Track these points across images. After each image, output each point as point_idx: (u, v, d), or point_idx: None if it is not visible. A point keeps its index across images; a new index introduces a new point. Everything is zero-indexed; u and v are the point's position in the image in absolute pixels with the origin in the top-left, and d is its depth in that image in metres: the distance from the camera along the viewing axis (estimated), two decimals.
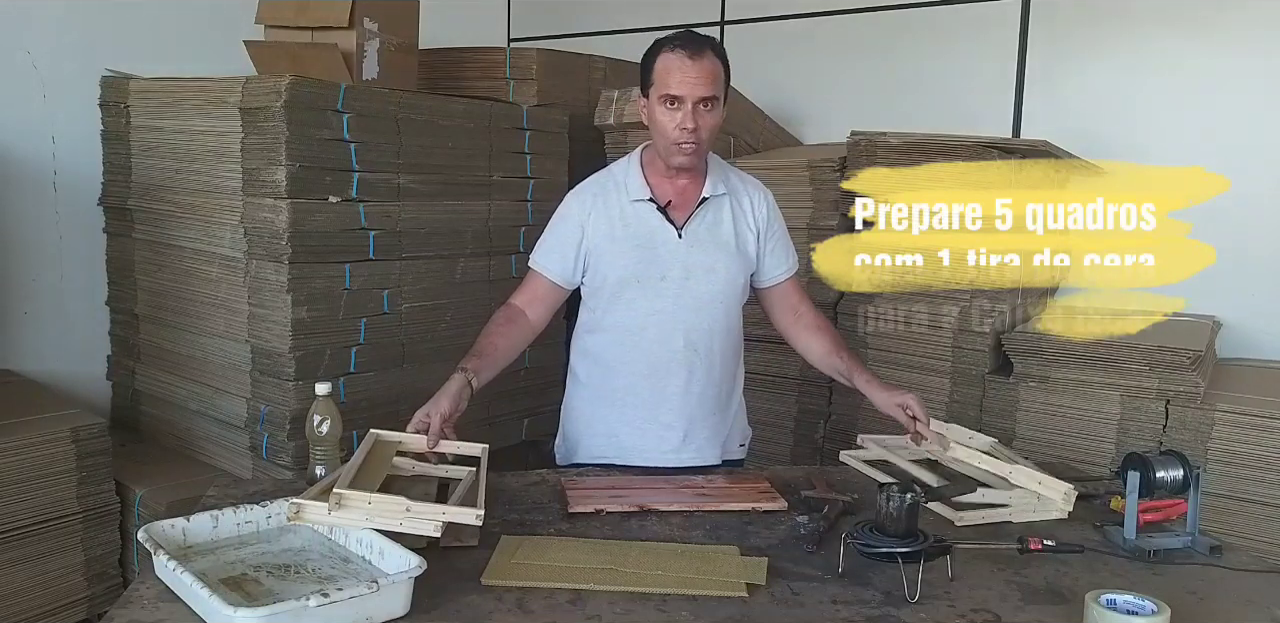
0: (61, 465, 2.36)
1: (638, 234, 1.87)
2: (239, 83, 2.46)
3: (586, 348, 1.99)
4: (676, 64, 1.75)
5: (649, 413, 1.92)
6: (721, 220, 1.92)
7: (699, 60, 1.75)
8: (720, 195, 1.91)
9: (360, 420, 2.61)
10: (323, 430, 1.69)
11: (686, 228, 1.89)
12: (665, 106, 1.78)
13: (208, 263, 2.63)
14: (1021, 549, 1.44)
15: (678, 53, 1.76)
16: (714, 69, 1.77)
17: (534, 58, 3.34)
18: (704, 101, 1.76)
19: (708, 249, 1.89)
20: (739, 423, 2.06)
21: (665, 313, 1.89)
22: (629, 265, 1.87)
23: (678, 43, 1.77)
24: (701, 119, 1.77)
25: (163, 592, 1.29)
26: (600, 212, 1.89)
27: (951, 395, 2.72)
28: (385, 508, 1.37)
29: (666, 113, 1.78)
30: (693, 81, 1.75)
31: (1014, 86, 3.21)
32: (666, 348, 1.90)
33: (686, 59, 1.75)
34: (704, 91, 1.76)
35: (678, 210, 1.89)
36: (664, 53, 1.78)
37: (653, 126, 1.83)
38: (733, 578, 1.36)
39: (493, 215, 2.98)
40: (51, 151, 2.90)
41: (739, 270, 1.93)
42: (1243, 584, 1.42)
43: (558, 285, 1.91)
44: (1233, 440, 2.36)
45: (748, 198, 1.95)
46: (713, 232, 1.91)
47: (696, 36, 1.80)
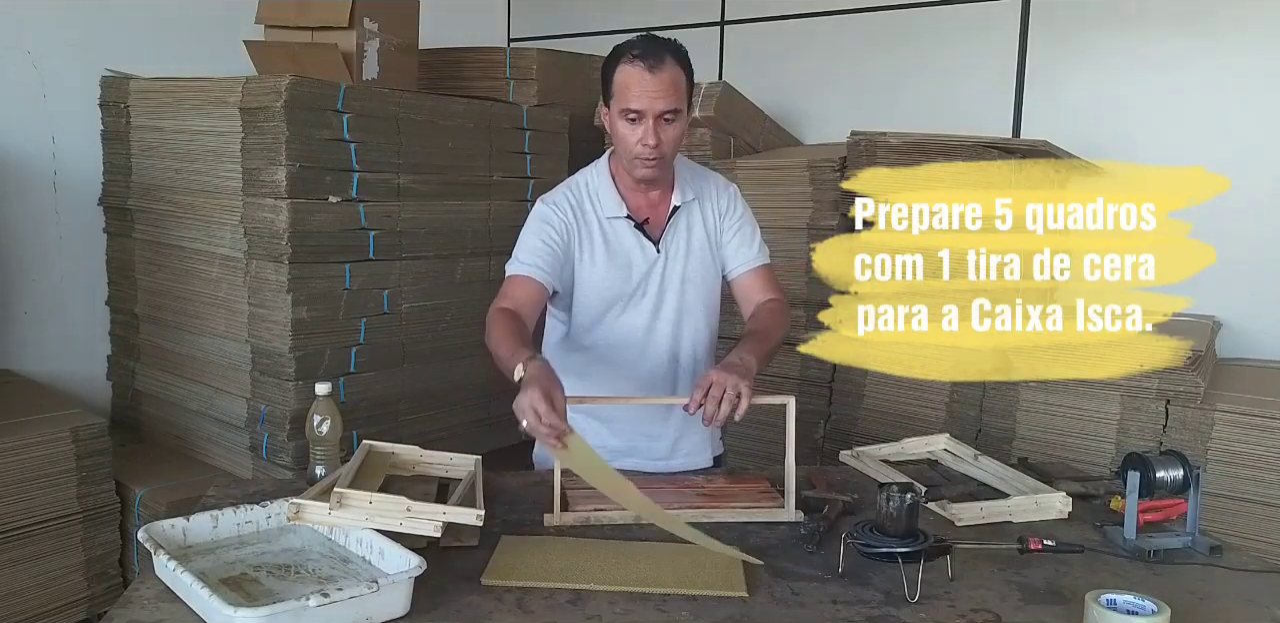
0: (61, 465, 2.37)
1: (618, 254, 1.84)
2: (239, 83, 2.46)
3: (569, 366, 1.91)
4: (636, 77, 1.68)
5: (635, 427, 1.91)
6: (693, 226, 1.89)
7: (659, 72, 1.68)
8: (690, 201, 1.88)
9: (360, 420, 2.62)
10: (323, 431, 1.70)
11: (663, 242, 1.86)
12: (625, 121, 1.72)
13: (208, 263, 2.64)
14: (1021, 549, 1.43)
15: (637, 65, 1.68)
16: (674, 80, 1.70)
17: (534, 58, 3.35)
18: (666, 114, 1.70)
19: (685, 260, 1.88)
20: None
21: (647, 329, 1.87)
22: (612, 286, 1.85)
23: (636, 53, 1.69)
24: (664, 132, 1.71)
25: (163, 592, 1.28)
26: (582, 228, 1.83)
27: (951, 396, 2.71)
28: (385, 508, 1.37)
29: (627, 127, 1.72)
30: (653, 95, 1.68)
31: (1014, 86, 3.21)
32: (652, 363, 1.89)
33: (646, 72, 1.67)
34: (665, 105, 1.69)
35: (653, 225, 1.86)
36: (623, 64, 1.70)
37: (615, 139, 1.78)
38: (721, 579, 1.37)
39: (493, 215, 2.98)
40: (51, 152, 2.90)
41: (715, 276, 1.92)
42: (1243, 584, 1.42)
43: (544, 288, 1.80)
44: (1233, 440, 2.36)
45: (711, 199, 1.91)
46: (687, 241, 1.88)
47: (655, 44, 1.72)
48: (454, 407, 2.96)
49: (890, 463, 1.93)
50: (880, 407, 2.84)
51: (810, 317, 2.91)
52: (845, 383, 2.89)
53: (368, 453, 1.65)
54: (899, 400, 2.80)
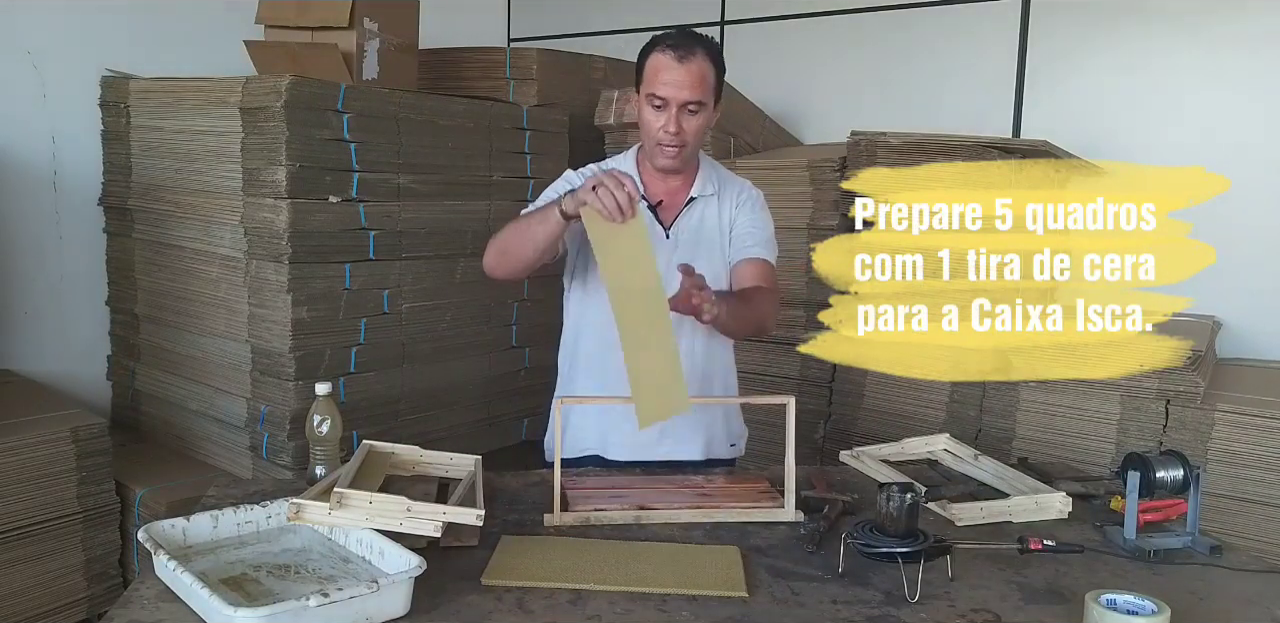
0: (61, 465, 2.37)
1: None
2: (239, 83, 2.46)
3: (572, 350, 1.99)
4: (665, 65, 1.72)
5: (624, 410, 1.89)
6: (707, 218, 1.91)
7: (688, 63, 1.72)
8: (709, 195, 1.91)
9: (360, 420, 2.62)
10: (323, 431, 1.70)
11: (674, 228, 1.89)
12: (651, 107, 1.76)
13: (208, 263, 2.64)
14: (1021, 549, 1.44)
15: (668, 54, 1.72)
16: (702, 72, 1.73)
17: (534, 58, 3.35)
18: (690, 105, 1.74)
19: (693, 249, 1.89)
20: (729, 422, 2.05)
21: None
22: None
23: (669, 43, 1.74)
24: (686, 122, 1.75)
25: (163, 592, 1.28)
26: None
27: (951, 396, 2.71)
28: (386, 508, 1.37)
29: (652, 113, 1.76)
30: (679, 84, 1.72)
31: (1014, 86, 3.21)
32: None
33: (675, 61, 1.71)
34: (689, 95, 1.73)
35: (667, 210, 1.89)
36: (655, 52, 1.75)
37: (640, 124, 1.82)
38: (721, 579, 1.37)
39: (493, 215, 2.98)
40: (51, 152, 2.90)
41: (722, 268, 1.93)
42: (1243, 584, 1.42)
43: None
44: (1233, 440, 2.36)
45: (732, 195, 1.94)
46: (698, 231, 1.90)
47: (690, 38, 1.77)
48: (454, 407, 2.96)
49: (890, 463, 1.94)
50: (880, 407, 2.84)
51: (810, 317, 2.92)
52: (845, 383, 2.89)
53: (368, 453, 1.65)
54: (899, 400, 2.80)
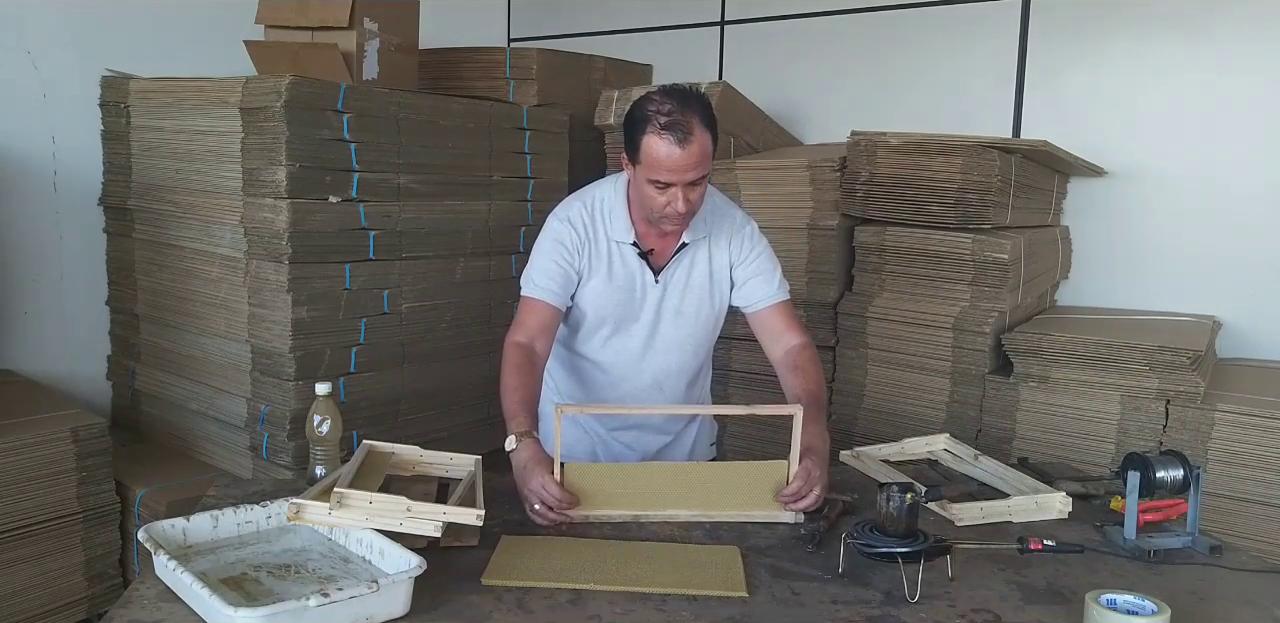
0: (61, 466, 2.37)
1: (620, 276, 1.87)
2: (239, 83, 2.46)
3: (551, 380, 2.02)
4: (665, 151, 1.65)
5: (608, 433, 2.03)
6: (697, 262, 1.90)
7: (688, 146, 1.64)
8: (700, 239, 1.89)
9: (360, 420, 2.62)
10: (323, 430, 1.70)
11: (663, 273, 1.89)
12: (654, 187, 1.71)
13: (208, 263, 2.64)
14: (1021, 549, 1.44)
15: (666, 139, 1.65)
16: (703, 149, 1.67)
17: (534, 58, 3.35)
18: (694, 180, 1.70)
19: (681, 294, 1.90)
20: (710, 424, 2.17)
21: (634, 353, 1.93)
22: (608, 306, 1.88)
23: (665, 126, 1.64)
24: (692, 194, 1.71)
25: (163, 592, 1.29)
26: (591, 247, 1.85)
27: (951, 396, 2.71)
28: (386, 508, 1.37)
29: (654, 190, 1.71)
30: (683, 169, 1.66)
31: (1014, 86, 3.21)
32: (633, 386, 1.95)
33: (676, 147, 1.64)
34: (695, 175, 1.68)
35: (658, 256, 1.88)
36: (650, 134, 1.66)
37: (638, 194, 1.77)
38: (721, 579, 1.37)
39: (493, 215, 2.98)
40: (51, 152, 2.90)
41: (710, 313, 1.94)
42: (1243, 584, 1.42)
43: (558, 311, 1.85)
44: (1233, 440, 2.36)
45: (725, 237, 1.91)
46: (688, 275, 1.90)
47: (683, 110, 1.66)
48: (454, 407, 2.96)
49: (890, 463, 1.94)
50: (880, 407, 2.83)
51: (810, 317, 2.92)
52: (845, 383, 2.89)
53: (368, 453, 1.65)
54: (899, 400, 2.80)
